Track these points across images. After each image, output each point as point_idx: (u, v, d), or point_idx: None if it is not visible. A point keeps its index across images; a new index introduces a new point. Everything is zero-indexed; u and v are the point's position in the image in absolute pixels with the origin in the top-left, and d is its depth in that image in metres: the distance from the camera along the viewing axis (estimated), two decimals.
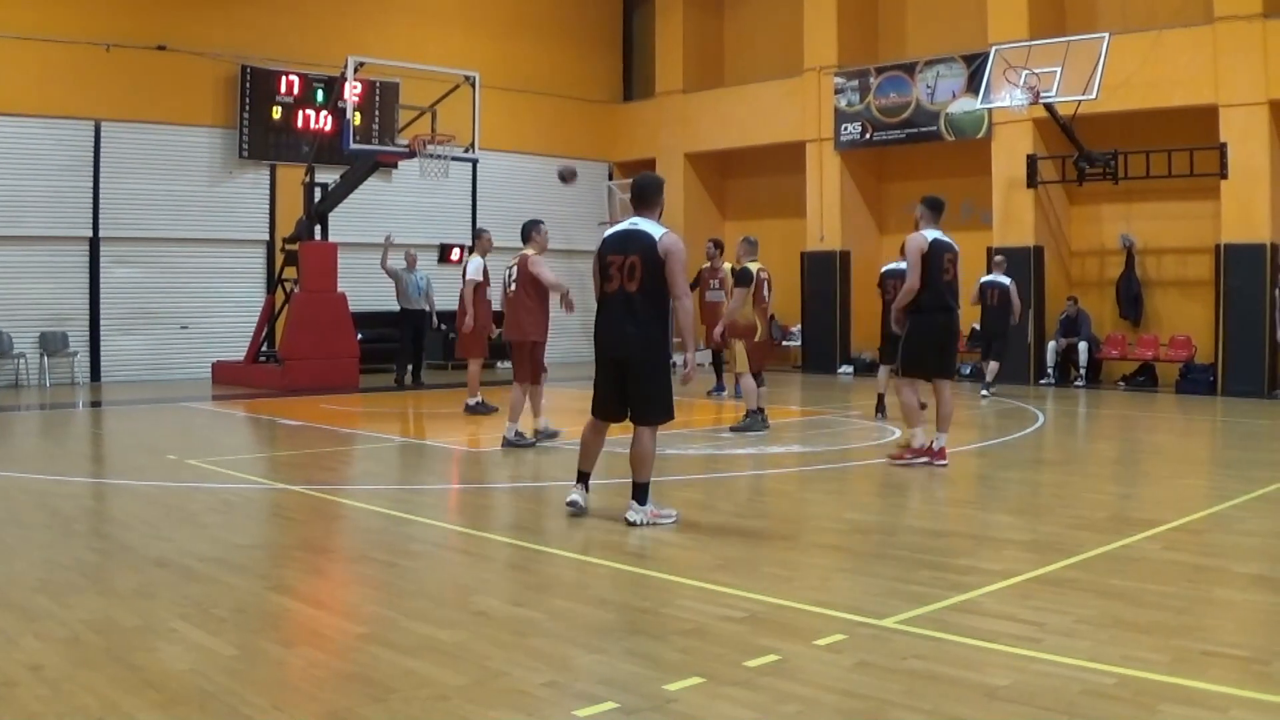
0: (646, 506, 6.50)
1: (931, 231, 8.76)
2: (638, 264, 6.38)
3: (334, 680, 3.94)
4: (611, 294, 6.51)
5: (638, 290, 6.41)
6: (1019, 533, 6.43)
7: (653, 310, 6.46)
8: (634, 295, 6.41)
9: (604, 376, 6.70)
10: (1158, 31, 16.08)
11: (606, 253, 6.57)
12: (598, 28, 24.14)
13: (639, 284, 6.40)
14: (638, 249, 6.41)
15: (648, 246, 6.40)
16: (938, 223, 8.87)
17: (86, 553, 5.91)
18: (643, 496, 6.50)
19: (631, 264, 6.39)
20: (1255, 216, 15.40)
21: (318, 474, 8.73)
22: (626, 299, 6.44)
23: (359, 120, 18.21)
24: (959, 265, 8.95)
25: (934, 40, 19.56)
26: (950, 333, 8.89)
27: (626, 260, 6.43)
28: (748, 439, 10.57)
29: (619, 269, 6.44)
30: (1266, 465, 9.28)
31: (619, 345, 6.55)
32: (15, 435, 11.67)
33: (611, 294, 6.51)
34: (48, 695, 3.68)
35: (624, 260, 6.44)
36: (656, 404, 6.53)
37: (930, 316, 8.68)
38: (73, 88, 16.93)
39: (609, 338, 6.60)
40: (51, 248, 17.07)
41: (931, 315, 8.68)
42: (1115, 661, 4.01)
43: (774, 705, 3.63)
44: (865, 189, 20.61)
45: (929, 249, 8.67)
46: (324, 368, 16.34)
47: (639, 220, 6.59)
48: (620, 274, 6.45)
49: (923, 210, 8.92)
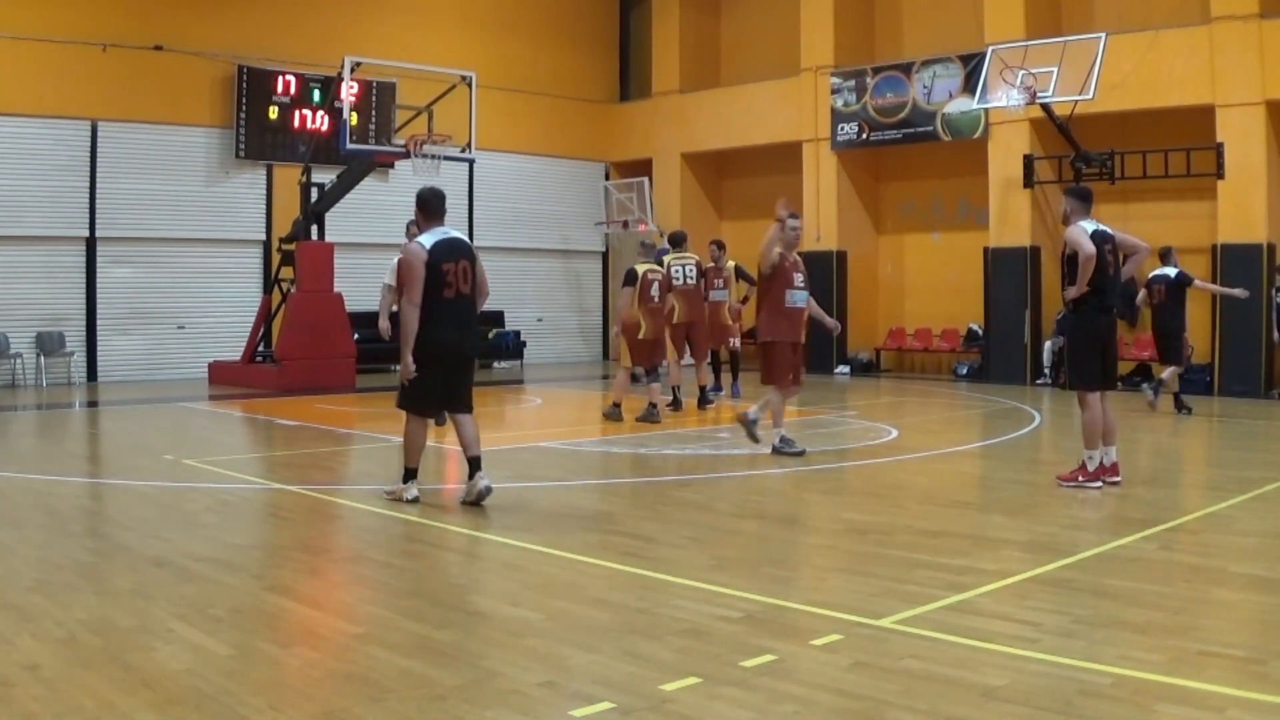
0: (482, 473, 7.17)
1: (1089, 222, 7.82)
2: (469, 268, 7.04)
3: (330, 680, 3.94)
4: (453, 298, 6.99)
5: (471, 291, 7.09)
6: (1015, 533, 6.43)
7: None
8: (471, 297, 7.08)
9: (441, 373, 7.11)
10: (1154, 31, 16.10)
11: (440, 261, 6.95)
12: (594, 27, 24.15)
13: (471, 286, 7.07)
14: (468, 255, 7.08)
15: (472, 253, 7.12)
16: (1089, 213, 7.89)
17: (83, 553, 5.90)
18: (481, 466, 7.19)
19: (464, 268, 7.01)
20: (1252, 216, 15.43)
21: (314, 474, 8.73)
22: (470, 302, 7.08)
23: (355, 120, 18.21)
24: (1118, 257, 8.09)
25: (930, 40, 19.57)
26: (1113, 335, 8.02)
27: (459, 265, 7.00)
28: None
29: (455, 275, 6.97)
30: (1263, 465, 9.29)
31: (473, 344, 7.30)
32: (12, 435, 11.66)
33: (453, 298, 6.99)
34: (44, 695, 3.68)
35: (457, 266, 7.00)
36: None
37: (1091, 318, 7.85)
38: (69, 88, 16.92)
39: (465, 338, 7.15)
40: (48, 248, 17.07)
41: (1092, 317, 7.84)
42: (1112, 661, 4.01)
43: (770, 705, 3.63)
44: (862, 189, 20.62)
45: (1091, 240, 7.72)
46: (321, 368, 16.33)
47: (449, 229, 7.17)
48: (457, 279, 7.00)
49: (1072, 203, 7.96)
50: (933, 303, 20.04)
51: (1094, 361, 7.84)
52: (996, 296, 17.96)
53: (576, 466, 9.51)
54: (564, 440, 10.73)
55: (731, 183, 23.54)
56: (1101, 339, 7.86)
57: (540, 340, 22.55)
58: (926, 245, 20.18)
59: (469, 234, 21.71)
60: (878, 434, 11.16)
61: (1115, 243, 7.95)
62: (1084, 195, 8.01)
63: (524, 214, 22.70)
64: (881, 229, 20.87)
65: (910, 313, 20.70)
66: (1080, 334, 7.90)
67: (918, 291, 20.58)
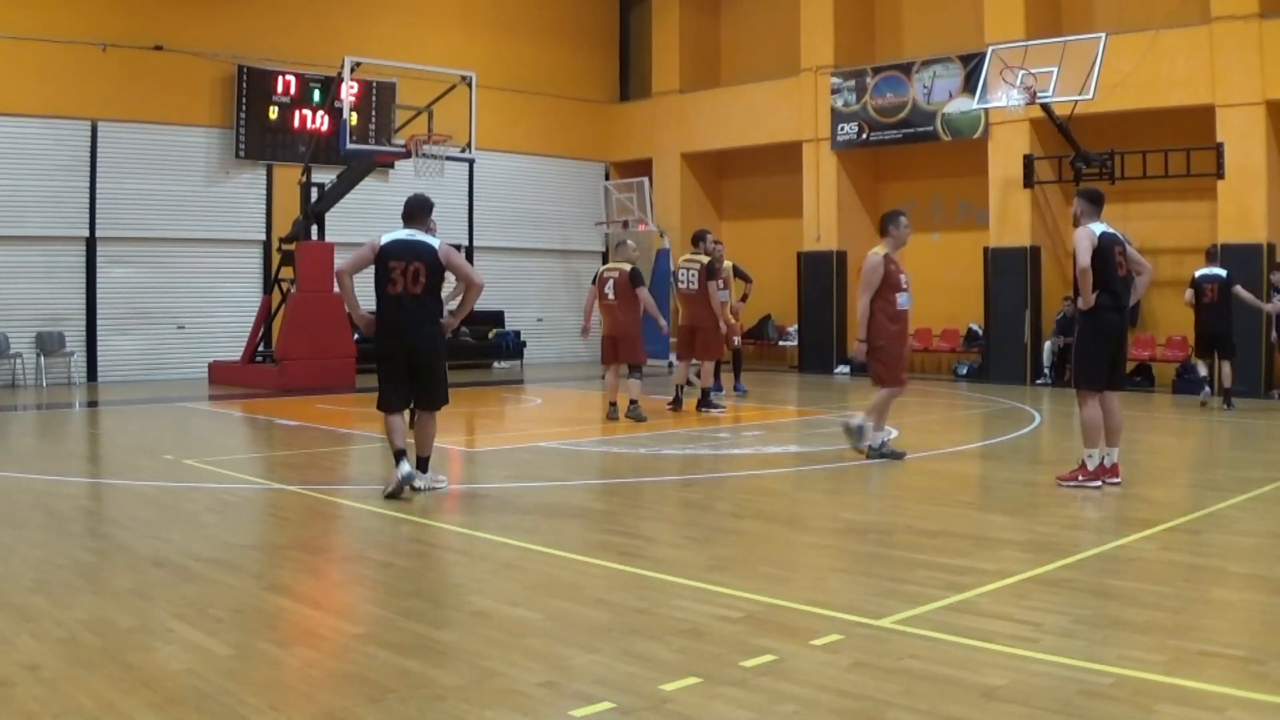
0: (428, 475, 7.63)
1: (1098, 225, 7.85)
2: (421, 271, 7.37)
3: (330, 680, 3.94)
4: (395, 295, 7.39)
5: (423, 293, 7.41)
6: (1015, 533, 6.43)
7: (437, 308, 7.59)
8: (420, 297, 7.39)
9: (389, 367, 7.56)
10: (1154, 31, 16.10)
11: (389, 257, 7.42)
12: (594, 27, 24.15)
13: (423, 288, 7.40)
14: (422, 259, 7.41)
15: (431, 258, 7.45)
16: (1099, 215, 7.91)
17: (83, 553, 5.90)
18: (425, 467, 7.62)
19: (415, 270, 7.36)
20: (1252, 216, 15.43)
21: (314, 474, 8.73)
22: (417, 301, 7.39)
23: (355, 120, 18.21)
24: (1129, 258, 8.06)
25: (930, 40, 19.57)
26: (1123, 335, 8.07)
27: (409, 266, 7.38)
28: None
29: (401, 274, 7.36)
30: (1263, 465, 9.29)
31: (416, 344, 7.48)
32: (12, 435, 11.66)
33: (395, 295, 7.39)
34: (44, 695, 3.68)
35: (407, 266, 7.38)
36: (441, 390, 7.66)
37: (1103, 316, 7.80)
38: (69, 88, 16.92)
39: (405, 336, 7.46)
40: (48, 248, 17.07)
41: (1104, 315, 7.80)
42: (1112, 661, 4.01)
43: (770, 705, 3.62)
44: (862, 189, 20.62)
45: (1099, 242, 7.76)
46: (320, 368, 16.33)
47: (418, 233, 7.59)
48: (404, 279, 7.37)
49: (1083, 205, 7.97)
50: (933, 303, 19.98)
51: (1102, 362, 7.83)
52: (996, 296, 17.96)
53: (576, 466, 9.51)
54: (564, 440, 10.73)
55: (731, 183, 23.53)
56: (1112, 338, 7.85)
57: (540, 340, 22.55)
58: (926, 245, 20.12)
59: (469, 234, 21.77)
60: None
61: (1124, 246, 7.95)
62: (1095, 198, 7.99)
63: (524, 214, 22.69)
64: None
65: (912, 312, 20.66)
66: (1091, 333, 7.86)
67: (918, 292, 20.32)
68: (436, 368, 7.60)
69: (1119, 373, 8.06)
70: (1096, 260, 7.69)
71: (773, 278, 19.71)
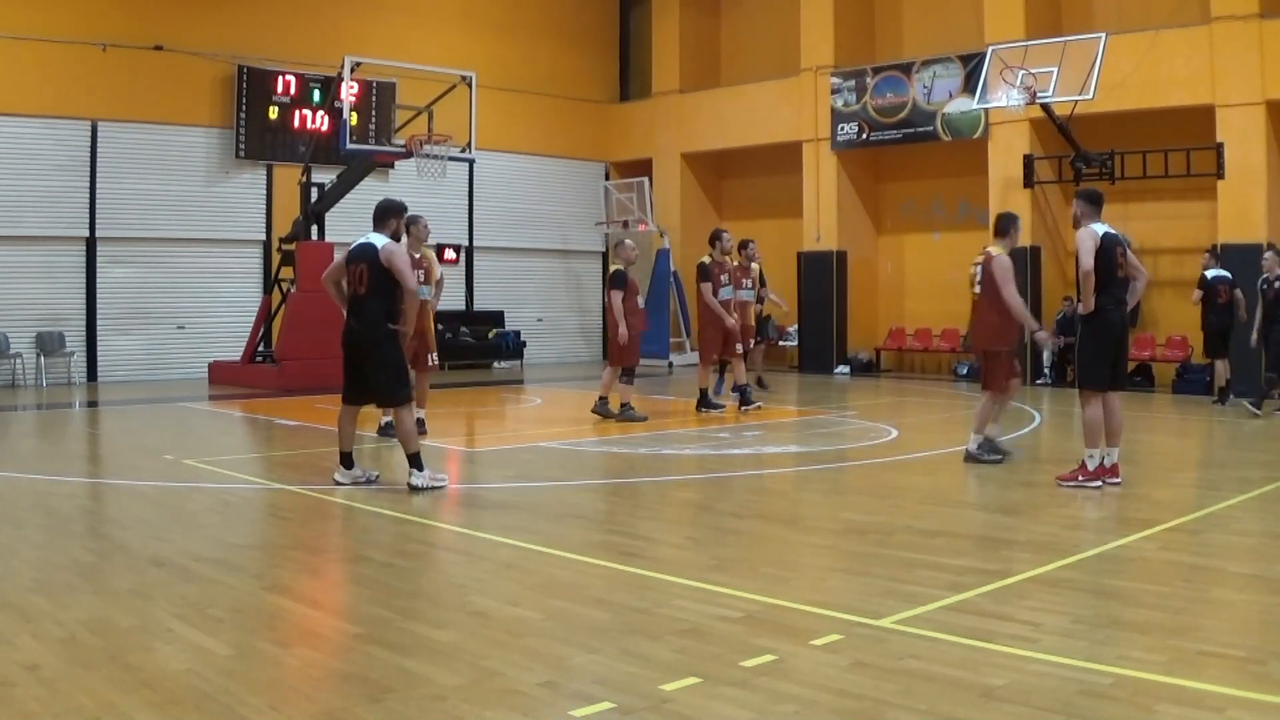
0: (425, 473, 7.78)
1: (1100, 225, 7.84)
2: (365, 273, 7.67)
3: (330, 680, 3.94)
4: (351, 295, 7.83)
5: (366, 294, 7.69)
6: (1015, 533, 6.43)
7: (378, 307, 7.76)
8: (364, 298, 7.69)
9: (346, 365, 8.11)
10: (1154, 31, 16.10)
11: (348, 261, 7.84)
12: (594, 27, 24.15)
13: (366, 289, 7.70)
14: (367, 260, 7.69)
15: (374, 258, 7.68)
16: (1099, 215, 7.92)
17: (83, 553, 5.90)
18: (416, 464, 7.78)
19: (360, 271, 7.69)
20: (1252, 216, 15.42)
21: (314, 474, 8.72)
22: (361, 301, 7.74)
23: (356, 120, 18.21)
24: (1129, 260, 8.06)
25: (930, 40, 19.58)
26: (1124, 335, 8.03)
27: (358, 268, 7.72)
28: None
29: (353, 275, 7.75)
30: (1263, 465, 9.29)
31: (358, 336, 7.88)
32: (12, 435, 11.66)
33: (351, 295, 7.83)
34: (44, 695, 3.68)
35: (356, 269, 7.73)
36: (389, 386, 7.91)
37: (1105, 317, 7.79)
38: (69, 88, 16.92)
39: (353, 330, 7.92)
40: (48, 248, 17.07)
41: (1106, 315, 7.79)
42: (1112, 661, 4.01)
43: (770, 705, 3.63)
44: (862, 189, 20.62)
45: (1103, 243, 7.73)
46: (320, 368, 16.27)
47: (374, 236, 7.84)
48: (354, 280, 7.76)
49: (1083, 206, 7.96)
50: (933, 303, 20.02)
51: (1104, 362, 7.83)
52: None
53: (576, 466, 9.51)
54: (564, 440, 10.73)
55: (731, 183, 23.53)
56: (1114, 338, 7.84)
57: (540, 340, 22.55)
58: (926, 245, 20.18)
59: (469, 234, 21.79)
60: (878, 434, 11.15)
61: (1126, 247, 7.94)
62: (1094, 198, 7.98)
63: (524, 214, 22.69)
64: (881, 229, 20.87)
65: (910, 313, 20.70)
66: (1093, 333, 7.85)
67: (918, 291, 20.58)
68: (378, 362, 7.85)
69: (1121, 373, 8.07)
70: (1099, 261, 7.68)
71: (773, 278, 19.60)
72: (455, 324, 21.00)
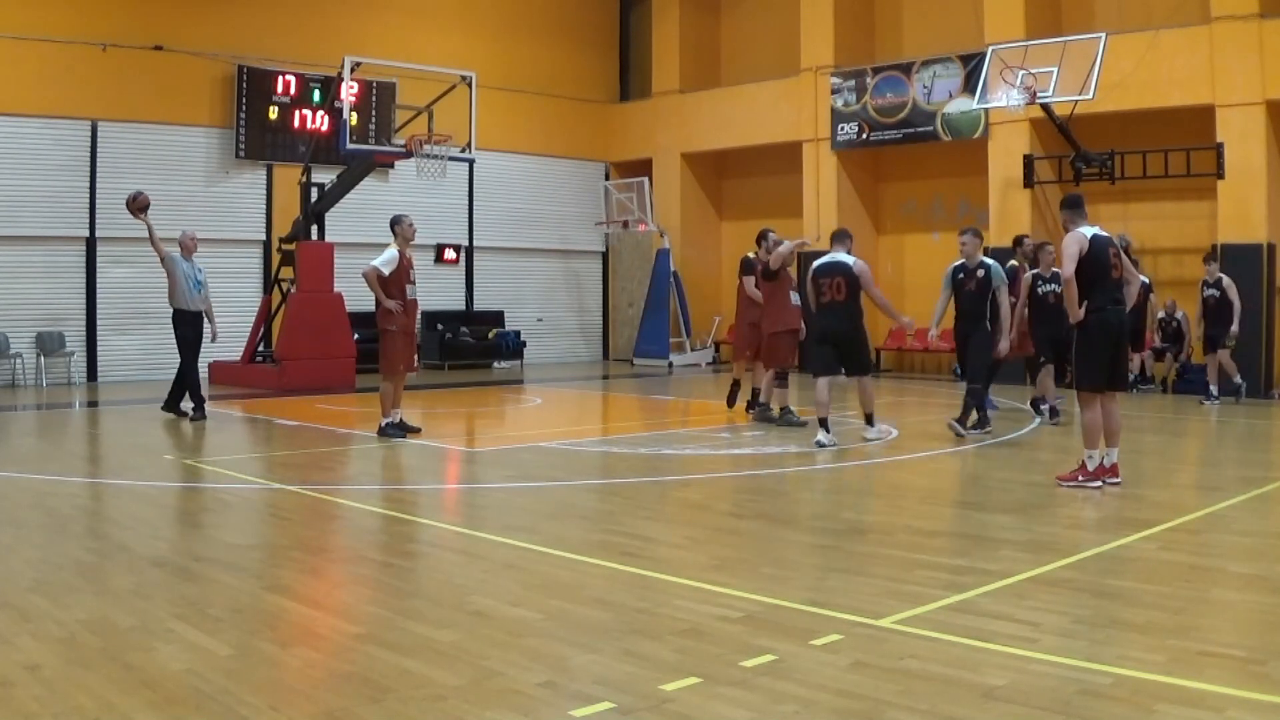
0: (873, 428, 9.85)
1: (1088, 228, 7.87)
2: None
3: (330, 680, 3.94)
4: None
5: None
6: (1015, 533, 6.43)
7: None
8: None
9: None
10: (1154, 31, 16.10)
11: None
12: (594, 27, 24.15)
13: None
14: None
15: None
16: (1085, 217, 7.93)
17: (83, 553, 5.90)
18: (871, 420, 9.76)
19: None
20: (1252, 216, 15.42)
21: (314, 474, 8.73)
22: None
23: (355, 120, 18.20)
24: (1122, 260, 8.05)
25: (930, 40, 19.57)
26: (1122, 336, 7.97)
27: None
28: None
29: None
30: (1263, 465, 9.30)
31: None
32: (12, 435, 11.66)
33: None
34: (44, 695, 3.68)
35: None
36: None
37: (1103, 318, 7.76)
38: (69, 88, 16.91)
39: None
40: (48, 248, 17.06)
41: (1104, 317, 7.76)
42: (1111, 661, 4.01)
43: (770, 705, 3.63)
44: (862, 189, 20.61)
45: (1089, 246, 7.75)
46: (320, 368, 16.33)
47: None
48: None
49: (1065, 213, 8.01)
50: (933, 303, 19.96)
51: (1102, 363, 7.80)
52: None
53: (576, 466, 9.51)
54: (564, 440, 10.73)
55: (731, 183, 23.53)
56: (1111, 337, 7.81)
57: (540, 340, 22.54)
58: (927, 245, 20.15)
59: (469, 234, 21.79)
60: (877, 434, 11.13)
61: (1119, 249, 7.95)
62: (1073, 203, 8.00)
63: (524, 214, 22.68)
64: (881, 229, 20.85)
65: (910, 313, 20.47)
66: (1090, 335, 7.81)
67: (918, 291, 20.53)
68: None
69: (1120, 374, 8.05)
70: (1088, 264, 7.67)
71: None
72: (455, 324, 21.01)
